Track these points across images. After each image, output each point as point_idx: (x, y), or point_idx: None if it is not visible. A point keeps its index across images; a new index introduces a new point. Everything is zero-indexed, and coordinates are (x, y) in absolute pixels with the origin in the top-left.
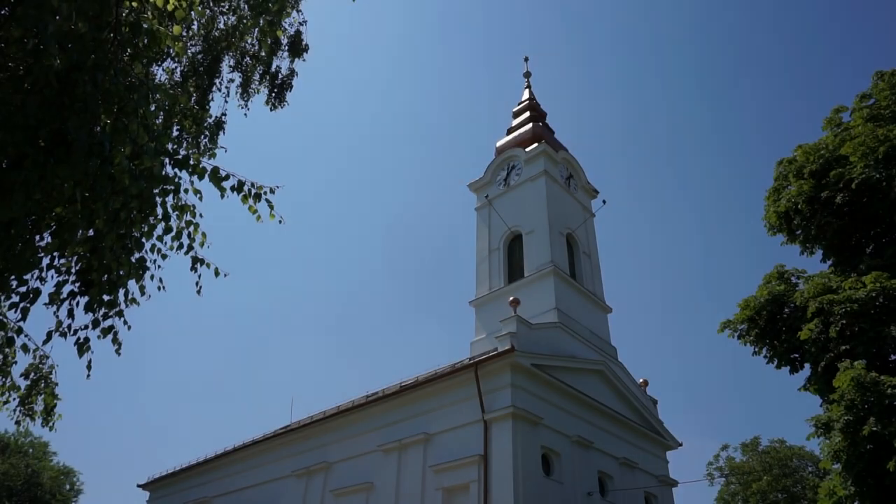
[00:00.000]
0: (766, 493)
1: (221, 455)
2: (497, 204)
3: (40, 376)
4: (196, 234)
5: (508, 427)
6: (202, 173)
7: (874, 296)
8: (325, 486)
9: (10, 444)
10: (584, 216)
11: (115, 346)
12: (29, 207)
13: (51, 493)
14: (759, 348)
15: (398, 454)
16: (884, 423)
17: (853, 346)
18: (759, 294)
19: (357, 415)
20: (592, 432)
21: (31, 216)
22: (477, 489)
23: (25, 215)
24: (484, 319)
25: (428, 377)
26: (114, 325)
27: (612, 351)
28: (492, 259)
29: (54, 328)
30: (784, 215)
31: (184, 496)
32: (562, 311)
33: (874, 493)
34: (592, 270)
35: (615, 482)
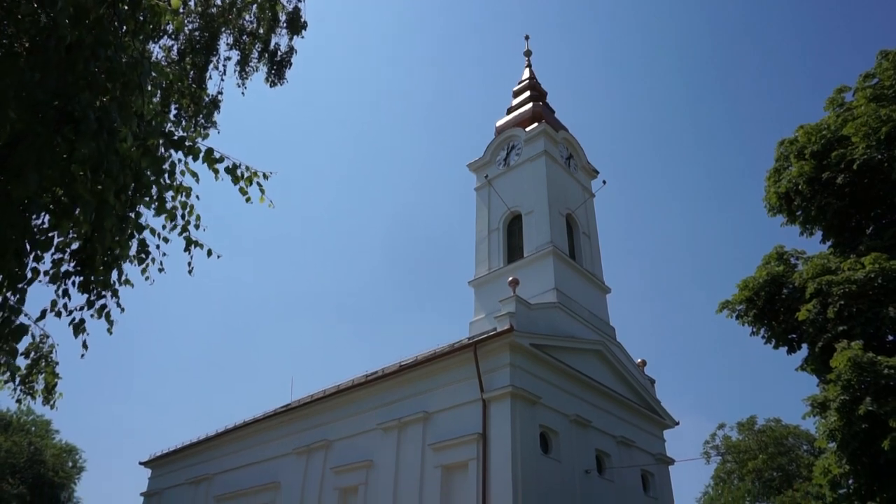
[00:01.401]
0: (761, 472)
1: (222, 433)
2: (497, 184)
3: (41, 355)
4: (191, 215)
5: (507, 406)
6: (196, 154)
7: (873, 277)
8: (326, 464)
9: (12, 423)
10: (583, 196)
11: (107, 324)
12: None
13: (53, 471)
14: (757, 328)
15: (397, 432)
16: (880, 403)
17: (851, 326)
18: (757, 275)
19: (357, 394)
20: (590, 411)
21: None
22: (476, 467)
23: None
24: (483, 300)
25: (427, 357)
26: (106, 305)
27: (611, 331)
28: (491, 239)
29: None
30: (784, 196)
31: (185, 473)
32: (561, 292)
33: (869, 472)
34: (592, 251)
35: (612, 460)
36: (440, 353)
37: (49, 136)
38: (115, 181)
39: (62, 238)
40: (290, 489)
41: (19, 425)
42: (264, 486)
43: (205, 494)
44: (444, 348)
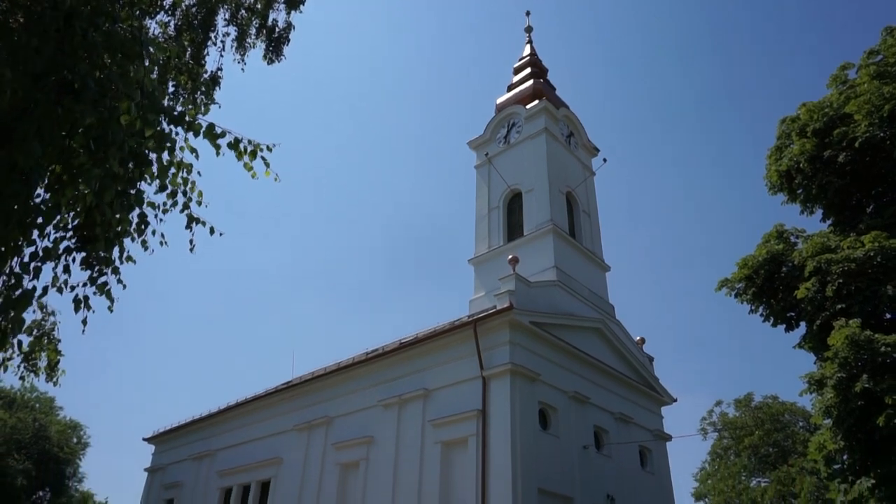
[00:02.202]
0: (757, 447)
1: (225, 410)
2: (497, 162)
3: (43, 333)
4: (193, 191)
5: (507, 383)
6: (197, 129)
7: (872, 255)
8: (327, 440)
9: (16, 400)
10: (584, 174)
11: (108, 301)
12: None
13: (58, 447)
14: (755, 307)
15: (398, 409)
16: (876, 380)
17: (849, 304)
18: (757, 253)
19: (357, 371)
20: (589, 388)
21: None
22: (475, 443)
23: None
24: (483, 277)
25: (427, 334)
26: (107, 282)
27: (610, 309)
28: (491, 217)
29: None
30: (785, 174)
31: (188, 449)
32: (560, 270)
33: (863, 447)
34: (591, 229)
35: (611, 436)
36: (440, 330)
37: (50, 106)
38: (120, 150)
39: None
40: (291, 465)
41: (23, 402)
42: (266, 461)
43: (207, 469)
44: (444, 326)
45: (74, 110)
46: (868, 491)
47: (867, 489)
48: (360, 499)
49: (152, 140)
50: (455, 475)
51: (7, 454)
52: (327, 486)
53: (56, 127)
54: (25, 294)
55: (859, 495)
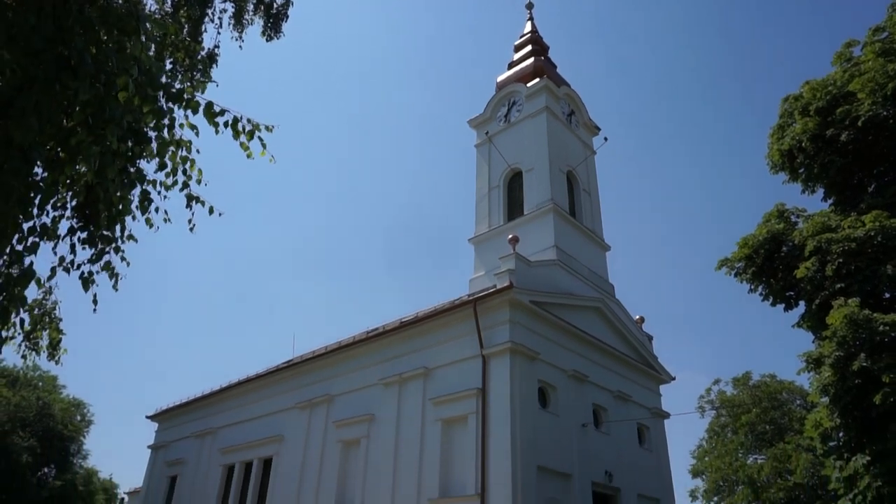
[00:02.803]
0: (754, 425)
1: (226, 388)
2: (497, 141)
3: (44, 312)
4: (192, 169)
5: (506, 362)
6: (196, 107)
7: (873, 234)
8: (328, 418)
9: (19, 378)
10: (584, 153)
11: (111, 280)
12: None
13: (62, 424)
14: (755, 286)
15: (398, 387)
16: (873, 359)
17: (849, 284)
18: (757, 232)
19: (358, 350)
20: (588, 367)
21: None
22: (475, 421)
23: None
24: (483, 257)
25: (428, 313)
26: (111, 261)
27: (610, 288)
28: (491, 196)
29: (57, 263)
30: (787, 153)
31: (190, 427)
32: (561, 249)
33: (859, 425)
34: (592, 208)
35: (609, 414)
36: (440, 309)
37: (48, 81)
38: (119, 126)
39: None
40: (293, 442)
41: (26, 380)
42: (268, 439)
43: (210, 447)
44: (444, 305)
45: (71, 86)
46: (863, 468)
47: (862, 466)
48: (361, 476)
49: (151, 116)
50: (455, 453)
51: (12, 431)
52: (329, 463)
53: (54, 103)
54: (26, 272)
55: (854, 472)
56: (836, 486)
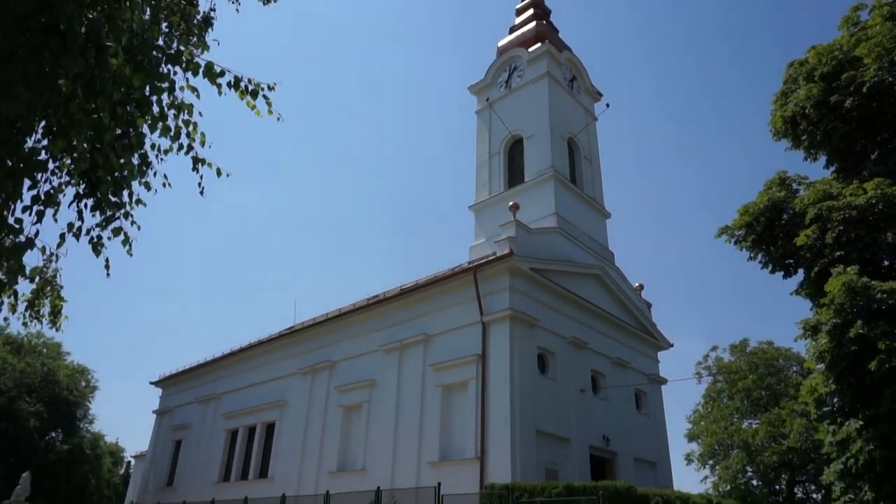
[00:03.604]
0: (750, 391)
1: (229, 355)
2: (498, 107)
3: (45, 280)
4: (195, 133)
5: (506, 328)
6: (196, 69)
7: (874, 202)
8: (330, 383)
9: (24, 345)
10: (586, 120)
11: (125, 247)
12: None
13: (68, 390)
14: (755, 253)
15: (399, 354)
16: (870, 326)
17: (848, 252)
18: (758, 200)
19: (359, 316)
20: (587, 333)
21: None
22: (475, 386)
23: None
24: (483, 224)
25: (428, 281)
26: (122, 227)
27: (610, 255)
28: (492, 163)
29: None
30: (790, 120)
31: (194, 393)
32: (561, 216)
33: (854, 391)
34: (593, 175)
35: (607, 380)
36: (440, 276)
37: (37, 50)
38: (109, 98)
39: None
40: (295, 407)
41: (31, 347)
42: (271, 404)
43: (214, 412)
44: (444, 272)
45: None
46: (856, 432)
47: (855, 430)
48: (362, 440)
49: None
50: (455, 417)
51: (18, 397)
52: (331, 427)
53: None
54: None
55: (847, 436)
56: (829, 450)
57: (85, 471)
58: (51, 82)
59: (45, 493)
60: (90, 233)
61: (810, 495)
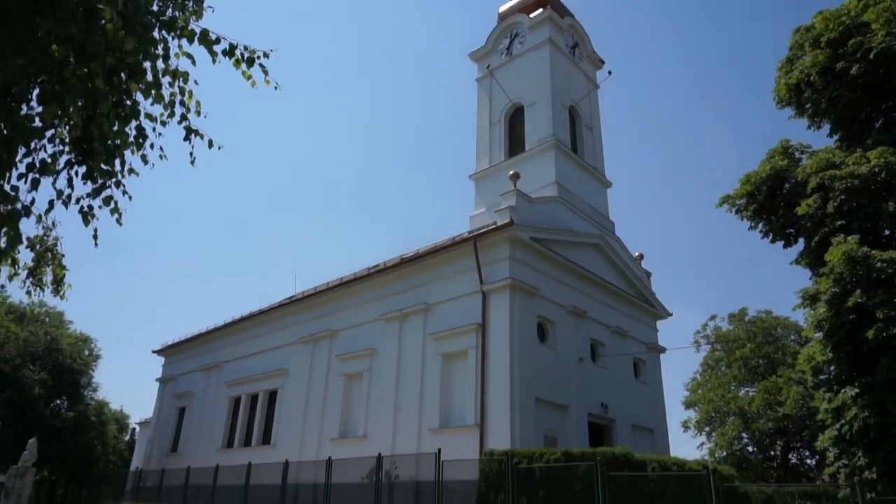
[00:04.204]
0: (747, 359)
1: (231, 324)
2: (498, 74)
3: (46, 248)
4: (190, 101)
5: (506, 297)
6: (191, 36)
7: (877, 171)
8: (331, 352)
9: (26, 314)
10: (587, 87)
11: (114, 216)
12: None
13: (71, 358)
14: (755, 223)
15: (399, 323)
16: (869, 295)
17: (849, 221)
18: (760, 169)
19: (359, 286)
20: (587, 302)
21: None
22: (475, 355)
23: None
24: (484, 193)
25: (428, 250)
26: (112, 196)
27: (610, 225)
28: (492, 132)
29: (55, 197)
30: (795, 87)
31: (197, 361)
32: (561, 186)
33: (850, 359)
34: (594, 144)
35: (606, 348)
36: (441, 246)
37: (27, 15)
38: (102, 63)
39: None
40: (297, 375)
41: (34, 316)
42: (273, 372)
43: (217, 380)
44: (444, 242)
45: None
46: (851, 399)
47: (850, 398)
48: (363, 407)
49: (133, 55)
50: (455, 385)
51: (22, 365)
52: (332, 395)
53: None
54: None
55: (842, 403)
56: (824, 417)
57: (91, 437)
58: (43, 48)
59: (51, 459)
60: (80, 202)
61: (804, 461)
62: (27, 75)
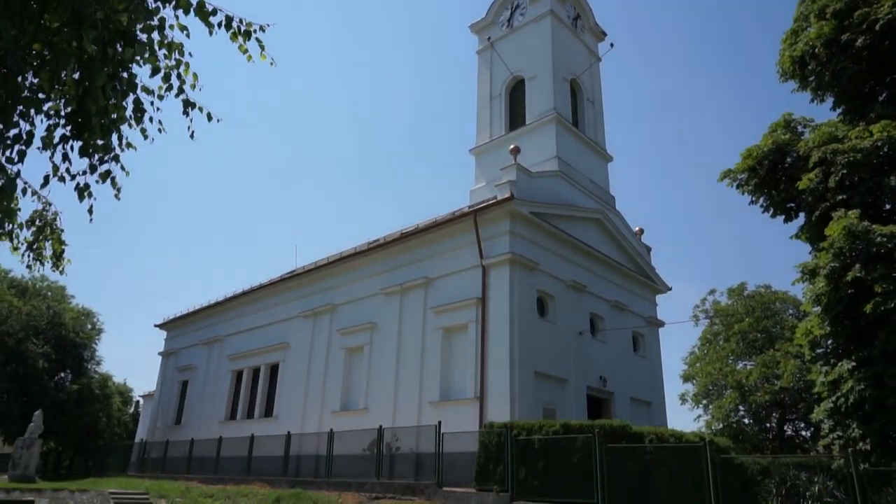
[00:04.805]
0: (746, 333)
1: (232, 298)
2: (499, 47)
3: (45, 223)
4: (187, 74)
5: (506, 272)
6: (187, 7)
7: (879, 145)
8: (332, 326)
9: (28, 288)
10: (589, 60)
11: (114, 190)
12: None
13: (74, 332)
14: (756, 198)
15: (400, 297)
16: (868, 270)
17: (850, 195)
18: (762, 143)
19: (360, 260)
20: (587, 277)
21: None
22: (475, 329)
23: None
24: (484, 167)
25: (428, 224)
26: (111, 171)
27: (611, 199)
28: (493, 106)
29: (51, 173)
30: (799, 60)
31: (199, 335)
32: (562, 160)
33: (848, 333)
34: (595, 117)
35: (606, 323)
36: (441, 220)
37: None
38: (94, 26)
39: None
40: (298, 349)
41: (35, 291)
42: (274, 346)
43: (219, 354)
44: (444, 216)
45: None
46: (847, 372)
47: (847, 371)
48: (364, 381)
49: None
50: (455, 359)
51: (26, 339)
52: (333, 369)
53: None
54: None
55: (839, 376)
56: (821, 390)
57: (95, 409)
58: (36, 17)
59: (57, 431)
60: (76, 178)
61: (799, 433)
62: (21, 46)
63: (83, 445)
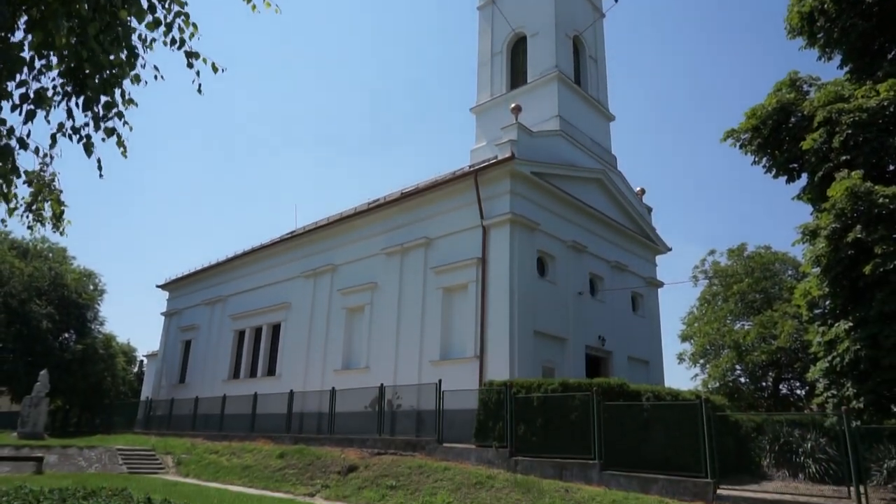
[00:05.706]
0: (745, 294)
1: (233, 258)
2: (501, 2)
3: (43, 183)
4: (187, 25)
5: (506, 232)
6: None
7: (886, 105)
8: (332, 286)
9: (29, 250)
10: (593, 17)
11: (120, 148)
12: None
13: (76, 293)
14: (759, 158)
15: (400, 257)
16: (869, 231)
17: (854, 156)
18: (766, 103)
19: (360, 221)
20: (587, 237)
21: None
22: (475, 289)
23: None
24: (485, 127)
25: (429, 184)
26: (115, 128)
27: (612, 160)
28: (494, 63)
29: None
30: (808, 16)
31: (200, 295)
32: (564, 119)
33: (846, 294)
34: (598, 76)
35: (605, 283)
36: (441, 180)
37: None
38: None
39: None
40: (300, 309)
41: (37, 252)
42: (276, 306)
43: (221, 314)
44: (445, 176)
45: None
46: (844, 332)
47: (843, 331)
48: (365, 340)
49: None
50: (455, 318)
51: (29, 300)
52: (334, 328)
53: None
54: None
55: (835, 336)
56: (817, 350)
57: (100, 368)
58: None
59: (63, 390)
60: (79, 132)
61: (794, 392)
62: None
63: (90, 404)
